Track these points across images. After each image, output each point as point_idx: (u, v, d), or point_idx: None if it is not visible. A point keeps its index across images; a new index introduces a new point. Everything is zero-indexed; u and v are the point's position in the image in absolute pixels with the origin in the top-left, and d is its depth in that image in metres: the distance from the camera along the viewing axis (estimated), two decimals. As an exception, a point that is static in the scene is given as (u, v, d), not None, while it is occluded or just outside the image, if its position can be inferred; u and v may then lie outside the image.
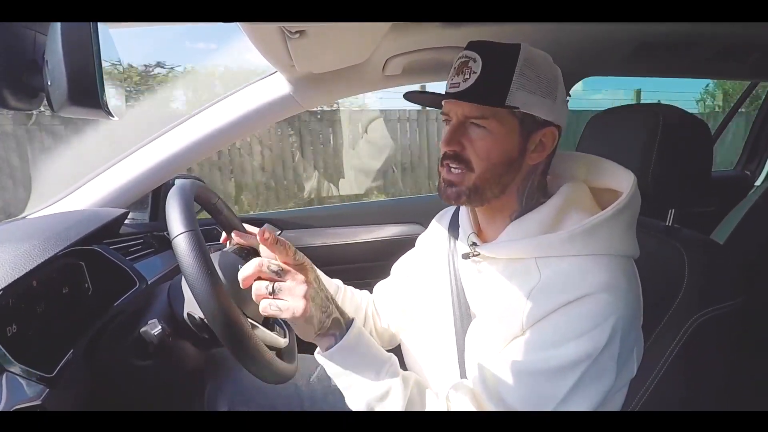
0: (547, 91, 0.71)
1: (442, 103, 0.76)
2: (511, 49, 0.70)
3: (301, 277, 0.62)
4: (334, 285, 1.01)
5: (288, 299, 0.60)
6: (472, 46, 0.71)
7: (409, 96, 0.79)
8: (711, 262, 0.85)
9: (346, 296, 1.02)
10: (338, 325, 0.65)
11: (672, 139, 0.84)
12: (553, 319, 0.66)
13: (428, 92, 0.76)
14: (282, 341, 0.79)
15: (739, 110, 2.22)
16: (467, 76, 0.69)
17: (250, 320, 0.70)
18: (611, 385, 0.67)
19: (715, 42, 1.21)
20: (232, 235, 0.86)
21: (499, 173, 0.72)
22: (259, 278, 0.61)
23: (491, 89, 0.69)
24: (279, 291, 0.60)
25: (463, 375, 0.80)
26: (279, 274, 0.61)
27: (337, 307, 0.67)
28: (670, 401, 0.78)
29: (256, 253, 0.86)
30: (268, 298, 0.61)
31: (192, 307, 0.73)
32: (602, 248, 0.69)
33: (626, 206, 0.71)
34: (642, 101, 4.61)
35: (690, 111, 0.90)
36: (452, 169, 0.72)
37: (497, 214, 0.78)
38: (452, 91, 0.71)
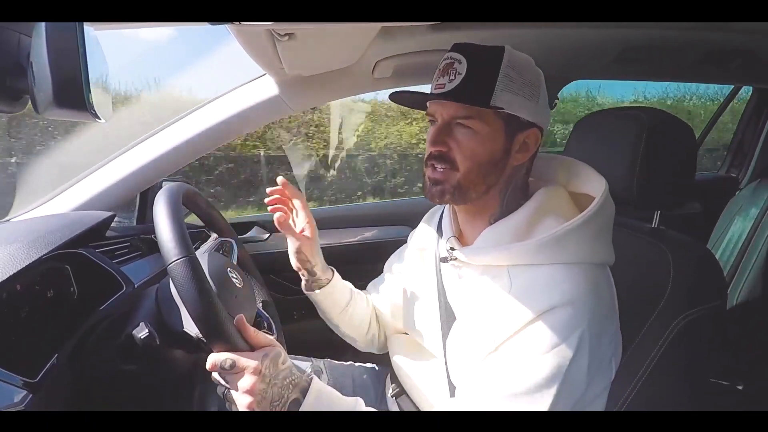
0: (531, 94, 0.72)
1: (427, 104, 0.76)
2: (495, 51, 0.71)
3: (251, 368, 0.64)
4: (347, 296, 1.00)
5: (235, 393, 0.66)
6: (456, 48, 0.72)
7: (394, 97, 0.79)
8: (696, 263, 0.86)
9: (356, 307, 1.01)
10: (303, 390, 0.68)
11: (657, 142, 0.85)
12: (523, 335, 0.66)
13: (413, 92, 0.77)
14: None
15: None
16: (452, 77, 0.70)
17: None
18: (580, 396, 0.68)
19: (698, 47, 1.23)
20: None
21: (484, 173, 0.73)
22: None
23: (476, 90, 0.69)
24: (229, 383, 0.66)
25: (448, 376, 0.80)
26: (230, 368, 0.64)
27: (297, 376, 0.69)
28: (656, 401, 0.79)
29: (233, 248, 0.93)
30: (221, 385, 0.68)
31: (189, 326, 0.72)
32: (571, 257, 0.69)
33: (596, 214, 0.71)
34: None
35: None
36: (437, 168, 0.73)
37: (477, 216, 0.78)
38: (438, 92, 0.72)
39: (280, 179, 0.89)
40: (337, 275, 0.99)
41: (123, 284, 0.90)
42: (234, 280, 0.80)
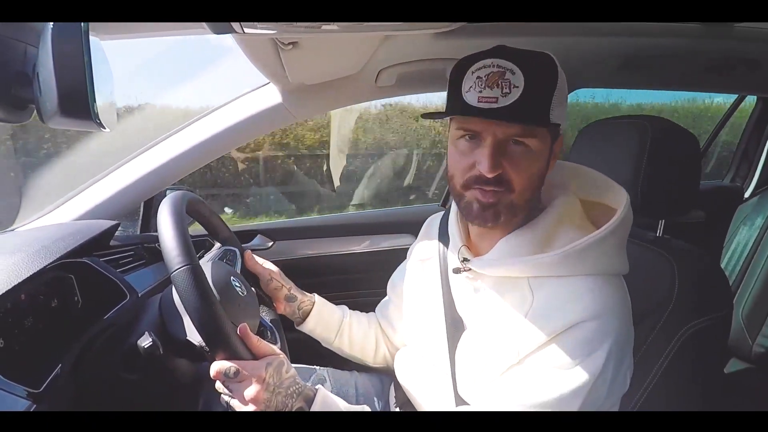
0: (566, 101, 0.70)
1: (459, 117, 0.69)
2: (549, 61, 0.67)
3: (255, 376, 0.65)
4: (338, 314, 1.02)
5: (239, 402, 0.67)
6: (502, 54, 0.65)
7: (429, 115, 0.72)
8: (702, 273, 0.85)
9: (353, 324, 1.03)
10: (307, 399, 0.70)
11: (661, 150, 0.85)
12: (549, 349, 0.65)
13: (459, 112, 0.67)
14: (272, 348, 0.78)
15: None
16: (507, 91, 0.63)
17: None
18: (598, 408, 0.67)
19: (702, 56, 1.23)
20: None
21: (534, 189, 0.71)
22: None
23: (537, 107, 0.64)
24: (234, 392, 0.67)
25: (455, 387, 0.79)
26: (234, 376, 0.65)
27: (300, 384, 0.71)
28: (663, 410, 0.78)
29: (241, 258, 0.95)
30: (225, 394, 0.69)
31: (192, 334, 0.72)
32: (594, 268, 0.68)
33: (619, 225, 0.70)
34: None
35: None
36: (489, 191, 0.67)
37: (498, 226, 0.73)
38: (488, 106, 0.64)
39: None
40: (320, 298, 1.02)
41: (127, 293, 0.89)
42: (237, 288, 0.80)
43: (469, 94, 0.65)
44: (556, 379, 0.64)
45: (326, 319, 1.00)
